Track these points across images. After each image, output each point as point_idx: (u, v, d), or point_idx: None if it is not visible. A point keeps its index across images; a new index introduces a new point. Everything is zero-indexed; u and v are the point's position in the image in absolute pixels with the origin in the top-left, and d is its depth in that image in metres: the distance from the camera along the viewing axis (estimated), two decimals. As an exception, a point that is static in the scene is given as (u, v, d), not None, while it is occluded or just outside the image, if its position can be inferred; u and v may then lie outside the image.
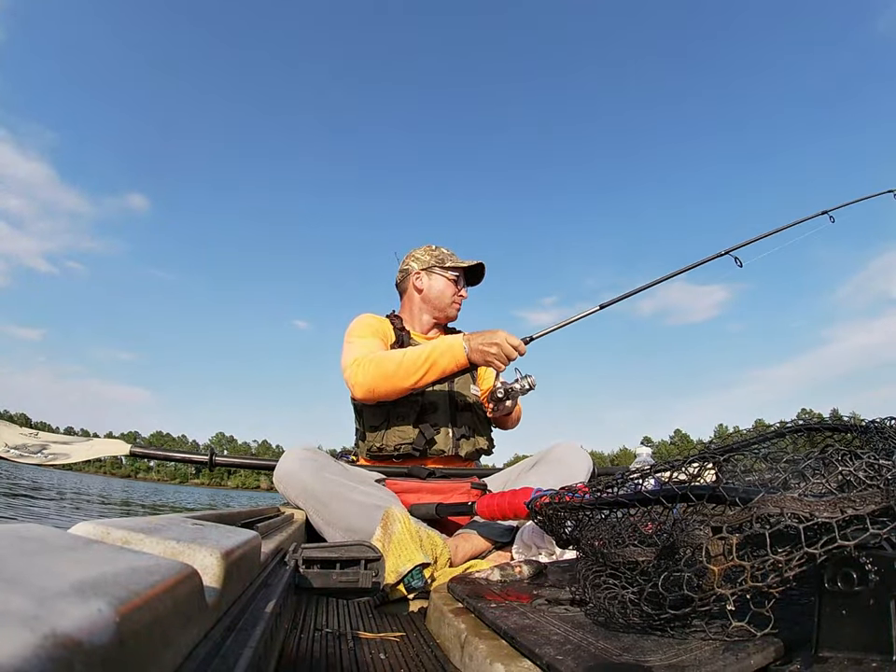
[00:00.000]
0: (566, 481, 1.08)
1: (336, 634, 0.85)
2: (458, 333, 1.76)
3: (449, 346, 1.64)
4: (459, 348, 1.63)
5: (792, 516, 0.50)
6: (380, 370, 1.62)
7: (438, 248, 2.06)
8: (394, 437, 1.77)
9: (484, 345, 1.61)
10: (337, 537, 1.42)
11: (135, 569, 0.27)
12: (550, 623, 0.65)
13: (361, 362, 1.66)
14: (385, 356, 1.66)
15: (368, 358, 1.66)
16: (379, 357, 1.65)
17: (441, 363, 1.63)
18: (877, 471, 0.51)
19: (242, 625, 0.43)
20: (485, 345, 1.61)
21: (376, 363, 1.64)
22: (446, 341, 1.66)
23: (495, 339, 1.61)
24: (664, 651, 0.54)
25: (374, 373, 1.63)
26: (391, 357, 1.64)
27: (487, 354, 1.62)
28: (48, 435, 2.48)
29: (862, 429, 0.74)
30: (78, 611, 0.20)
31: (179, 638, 0.31)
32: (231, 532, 0.55)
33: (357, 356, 1.69)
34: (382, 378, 1.63)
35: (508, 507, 1.21)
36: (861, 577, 0.46)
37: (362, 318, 1.94)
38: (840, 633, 0.47)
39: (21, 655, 0.16)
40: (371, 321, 1.92)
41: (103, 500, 11.98)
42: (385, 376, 1.62)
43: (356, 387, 1.67)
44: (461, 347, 1.63)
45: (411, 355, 1.63)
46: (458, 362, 1.64)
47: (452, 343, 1.64)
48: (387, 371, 1.62)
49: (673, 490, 0.62)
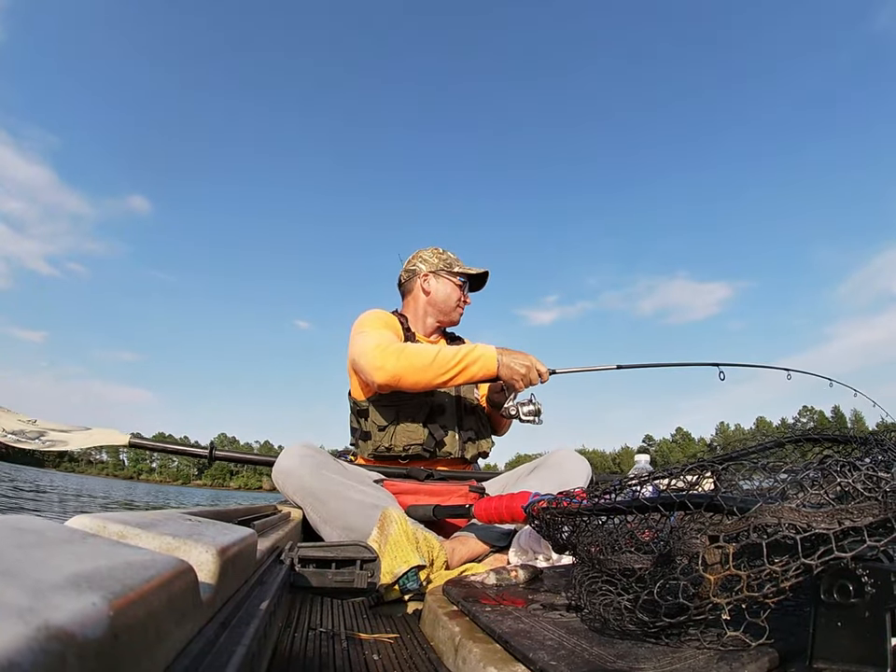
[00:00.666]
0: (564, 486, 1.08)
1: (330, 633, 0.85)
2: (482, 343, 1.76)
3: (482, 355, 1.65)
4: (492, 360, 1.65)
5: (790, 526, 0.49)
6: (411, 360, 1.61)
7: (445, 252, 2.06)
8: (403, 437, 1.76)
9: (515, 364, 1.66)
10: (334, 535, 1.42)
11: (131, 564, 0.27)
12: (544, 629, 0.65)
13: (388, 348, 1.64)
14: (418, 347, 1.66)
15: (397, 346, 1.65)
16: (413, 348, 1.65)
17: (472, 369, 1.64)
18: (876, 483, 0.51)
19: (236, 622, 0.43)
20: (516, 365, 1.66)
21: (408, 353, 1.63)
22: (479, 349, 1.67)
23: (526, 361, 1.67)
24: (658, 658, 0.54)
25: (405, 362, 1.61)
26: (426, 351, 1.64)
27: (516, 373, 1.66)
28: (46, 423, 2.50)
29: (862, 441, 0.74)
30: (73, 604, 0.20)
31: (173, 634, 0.31)
32: (228, 529, 0.55)
33: (381, 342, 1.68)
34: (412, 368, 1.61)
35: (505, 510, 1.21)
36: (857, 589, 0.46)
37: (374, 311, 1.92)
38: (835, 644, 0.47)
39: (14, 647, 0.16)
40: (383, 315, 1.91)
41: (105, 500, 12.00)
42: (416, 367, 1.61)
43: (379, 371, 1.63)
44: (494, 359, 1.65)
45: (445, 352, 1.63)
46: (488, 372, 1.66)
47: (485, 352, 1.66)
48: (421, 362, 1.61)
49: (671, 498, 0.62)
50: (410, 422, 1.78)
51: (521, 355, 1.68)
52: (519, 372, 1.66)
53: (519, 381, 1.67)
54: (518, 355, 1.68)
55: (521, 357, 1.67)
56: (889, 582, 0.44)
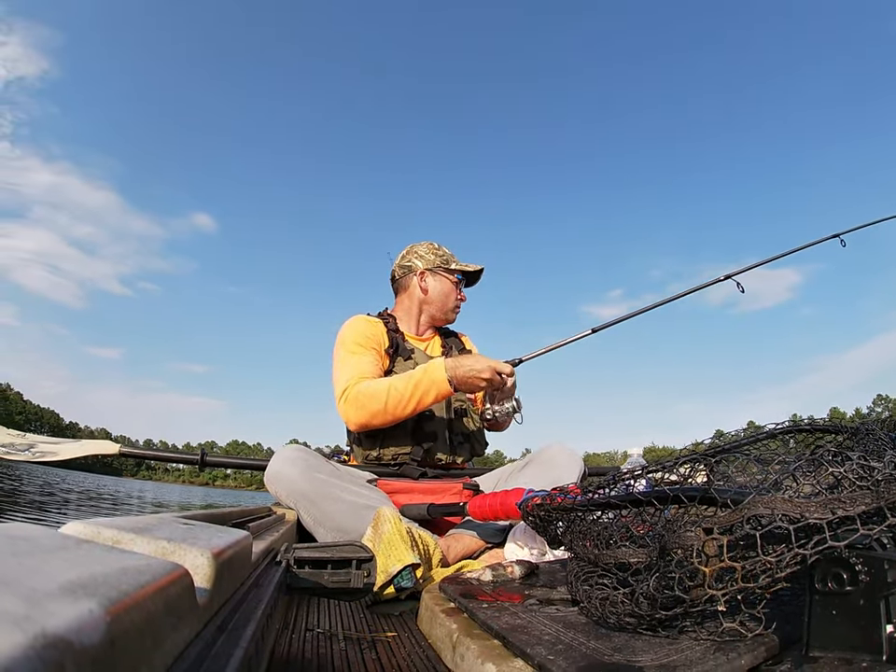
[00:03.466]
0: (557, 482, 1.08)
1: (327, 634, 0.85)
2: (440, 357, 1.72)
3: (432, 381, 1.61)
4: (443, 384, 1.60)
5: (783, 517, 0.50)
6: (367, 409, 1.62)
7: (441, 247, 2.01)
8: (391, 448, 1.74)
9: (471, 377, 1.61)
10: (328, 537, 1.41)
11: (126, 569, 0.27)
12: (541, 623, 0.65)
13: (349, 398, 1.64)
14: (370, 393, 1.62)
15: (353, 394, 1.64)
16: (365, 394, 1.62)
17: (427, 400, 1.62)
18: (868, 472, 0.51)
19: (233, 625, 0.43)
20: (472, 377, 1.61)
21: (362, 402, 1.62)
22: (428, 375, 1.62)
23: (482, 373, 1.61)
24: (654, 651, 0.54)
25: (363, 412, 1.63)
26: (376, 394, 1.61)
27: (474, 385, 1.64)
28: (35, 436, 2.51)
29: (853, 431, 0.74)
30: (69, 611, 0.20)
31: (170, 638, 0.30)
32: (222, 532, 0.55)
33: (346, 386, 1.66)
34: (370, 416, 1.63)
35: (500, 507, 1.21)
36: (851, 577, 0.46)
37: (354, 324, 1.87)
38: (830, 633, 0.47)
39: (11, 656, 0.15)
40: (362, 328, 1.85)
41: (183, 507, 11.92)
42: (373, 414, 1.62)
43: (350, 424, 1.70)
44: (445, 382, 1.60)
45: (395, 392, 1.60)
46: (444, 395, 1.64)
47: (434, 377, 1.61)
48: (375, 407, 1.61)
49: (664, 491, 0.62)
50: (398, 432, 1.74)
51: (475, 363, 1.63)
52: (478, 384, 1.63)
53: (481, 390, 1.67)
54: (469, 363, 1.62)
55: (474, 367, 1.61)
56: (883, 570, 0.45)
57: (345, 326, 1.87)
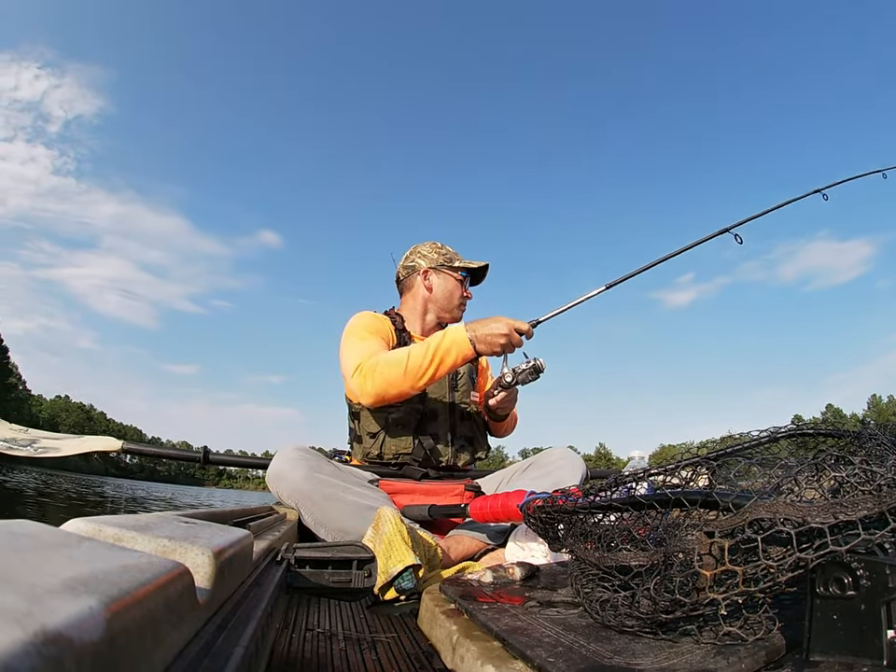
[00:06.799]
0: (558, 484, 1.08)
1: (327, 634, 0.85)
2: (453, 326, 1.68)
3: (454, 341, 1.58)
4: (464, 342, 1.58)
5: (785, 521, 0.50)
6: (385, 375, 1.57)
7: (444, 246, 2.00)
8: (392, 446, 1.73)
9: (492, 336, 1.58)
10: (329, 537, 1.41)
11: (127, 567, 0.27)
12: (542, 626, 0.65)
13: (364, 370, 1.60)
14: (388, 360, 1.60)
15: (370, 365, 1.60)
16: (383, 362, 1.59)
17: (448, 361, 1.58)
18: (870, 477, 0.51)
19: (233, 624, 0.43)
20: (493, 336, 1.58)
21: (380, 370, 1.58)
22: (449, 335, 1.59)
23: (501, 329, 1.58)
24: (655, 654, 0.54)
25: (380, 380, 1.57)
26: (396, 361, 1.58)
27: (495, 345, 1.59)
28: (37, 432, 2.51)
29: (856, 435, 0.74)
30: (69, 609, 0.20)
31: (170, 637, 0.30)
32: (223, 531, 0.55)
33: (360, 361, 1.63)
34: (388, 383, 1.57)
35: (501, 509, 1.21)
36: (853, 582, 0.46)
37: (361, 317, 1.87)
38: (831, 637, 0.47)
39: (11, 652, 0.16)
40: (370, 321, 1.84)
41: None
42: (392, 380, 1.56)
43: (365, 397, 1.62)
44: (466, 341, 1.58)
45: (415, 356, 1.57)
46: (465, 356, 1.59)
47: (455, 337, 1.59)
48: (395, 373, 1.56)
49: (666, 495, 0.62)
50: (400, 430, 1.73)
51: (492, 321, 1.59)
52: (498, 342, 1.59)
53: (501, 350, 1.61)
54: (489, 322, 1.60)
55: (494, 325, 1.58)
56: (885, 575, 0.44)
57: (353, 319, 1.86)
